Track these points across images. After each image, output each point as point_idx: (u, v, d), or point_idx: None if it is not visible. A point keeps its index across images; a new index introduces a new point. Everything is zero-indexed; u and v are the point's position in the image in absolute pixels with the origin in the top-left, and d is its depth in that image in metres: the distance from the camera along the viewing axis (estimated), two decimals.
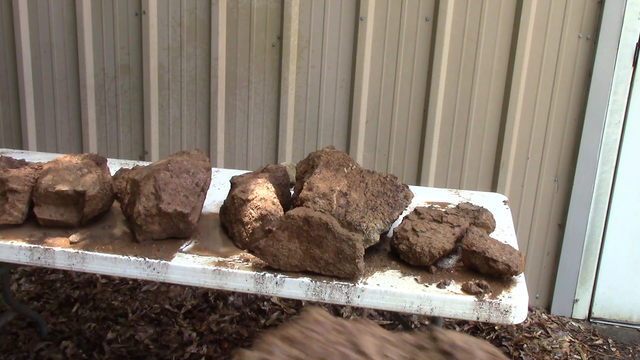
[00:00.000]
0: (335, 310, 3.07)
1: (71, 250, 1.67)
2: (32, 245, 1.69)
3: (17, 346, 2.72)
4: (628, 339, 3.00)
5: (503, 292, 1.50)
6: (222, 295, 3.14)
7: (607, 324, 3.13)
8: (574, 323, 3.12)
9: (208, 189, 1.89)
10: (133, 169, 1.89)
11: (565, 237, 3.09)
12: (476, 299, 1.47)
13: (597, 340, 2.99)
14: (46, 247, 1.68)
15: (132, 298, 3.15)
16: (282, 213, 1.69)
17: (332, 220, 1.54)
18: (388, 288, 1.51)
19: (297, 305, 3.11)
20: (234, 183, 1.86)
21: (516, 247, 1.70)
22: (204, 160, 1.87)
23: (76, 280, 3.28)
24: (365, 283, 1.53)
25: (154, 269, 1.62)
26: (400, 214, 1.77)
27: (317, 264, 1.55)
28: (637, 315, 3.14)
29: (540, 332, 2.98)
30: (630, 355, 2.88)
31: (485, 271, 1.59)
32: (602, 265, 3.11)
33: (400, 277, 1.57)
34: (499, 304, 1.46)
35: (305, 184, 1.73)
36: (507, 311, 1.46)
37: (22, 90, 3.52)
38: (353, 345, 0.86)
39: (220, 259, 1.65)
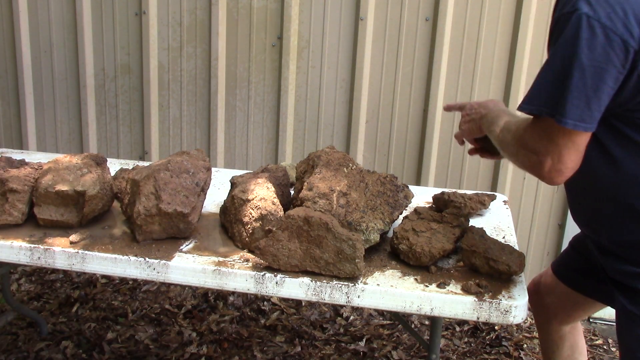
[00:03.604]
0: (335, 310, 3.07)
1: (71, 250, 1.67)
2: (32, 245, 1.69)
3: (17, 346, 2.72)
4: None
5: (503, 292, 1.50)
6: (222, 295, 3.14)
7: (607, 324, 3.12)
8: None
9: (208, 189, 1.89)
10: (133, 169, 1.89)
11: (565, 237, 3.08)
12: (476, 299, 1.47)
13: (597, 340, 2.99)
14: (46, 247, 1.68)
15: (132, 298, 3.15)
16: (282, 213, 1.69)
17: (332, 220, 1.54)
18: (388, 288, 1.51)
19: (297, 305, 3.11)
20: (234, 183, 1.86)
21: (516, 247, 1.70)
22: (204, 160, 1.87)
23: (76, 280, 3.28)
24: (365, 283, 1.53)
25: (154, 269, 1.62)
26: (400, 214, 1.77)
27: (317, 264, 1.55)
28: None
29: None
30: None
31: (485, 271, 1.59)
32: None
33: (400, 277, 1.57)
34: (499, 304, 1.46)
35: (305, 184, 1.73)
36: (507, 311, 1.46)
37: (22, 90, 3.52)
38: None
39: (220, 259, 1.65)
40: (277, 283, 1.55)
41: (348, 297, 1.52)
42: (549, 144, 1.30)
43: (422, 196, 2.18)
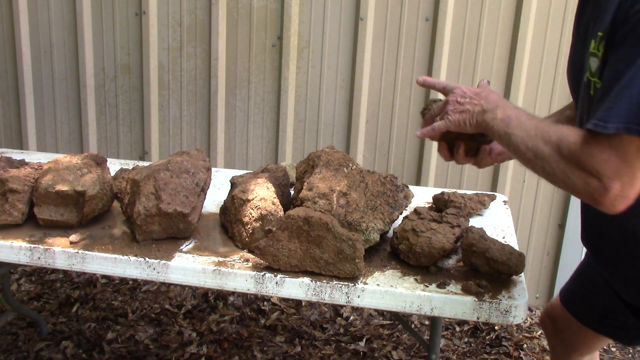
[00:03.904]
0: (335, 310, 3.07)
1: (71, 250, 1.67)
2: (32, 245, 1.69)
3: (17, 346, 2.72)
4: None
5: (503, 292, 1.50)
6: (222, 295, 3.14)
7: None
8: None
9: (208, 189, 1.89)
10: (133, 169, 1.89)
11: (565, 237, 3.09)
12: (476, 299, 1.47)
13: None
14: (46, 247, 1.68)
15: (132, 298, 3.15)
16: (282, 213, 1.69)
17: (332, 220, 1.54)
18: (388, 288, 1.51)
19: (297, 305, 3.11)
20: (234, 183, 1.86)
21: (516, 247, 1.70)
22: (204, 160, 1.87)
23: (76, 280, 3.28)
24: (365, 283, 1.53)
25: (154, 269, 1.62)
26: (400, 214, 1.77)
27: (317, 264, 1.55)
28: None
29: (540, 332, 2.97)
30: (630, 356, 2.88)
31: (485, 271, 1.59)
32: None
33: (400, 277, 1.57)
34: (499, 304, 1.46)
35: (305, 184, 1.73)
36: (507, 311, 1.46)
37: (22, 90, 3.52)
38: None
39: (220, 259, 1.65)
40: (277, 283, 1.55)
41: (348, 297, 1.52)
42: (621, 166, 1.07)
43: (422, 196, 2.18)
